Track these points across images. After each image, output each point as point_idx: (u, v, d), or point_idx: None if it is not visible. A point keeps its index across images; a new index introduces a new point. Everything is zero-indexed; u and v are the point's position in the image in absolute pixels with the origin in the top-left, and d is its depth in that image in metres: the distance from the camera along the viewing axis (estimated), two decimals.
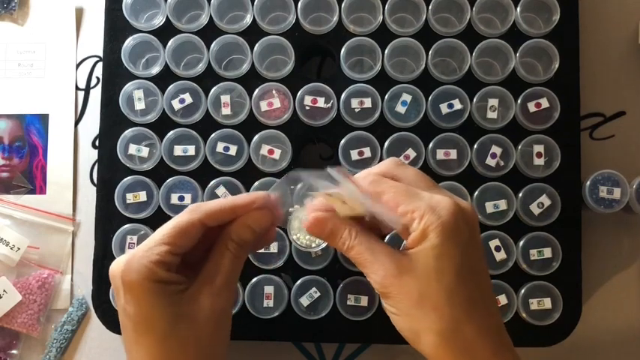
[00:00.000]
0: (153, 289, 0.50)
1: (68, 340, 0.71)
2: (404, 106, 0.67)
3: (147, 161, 0.68)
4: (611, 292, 0.71)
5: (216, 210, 0.53)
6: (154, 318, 0.51)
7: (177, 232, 0.52)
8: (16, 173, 0.73)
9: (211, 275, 0.53)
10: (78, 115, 0.74)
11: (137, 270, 0.50)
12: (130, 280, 0.50)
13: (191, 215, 0.53)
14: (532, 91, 0.67)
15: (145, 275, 0.50)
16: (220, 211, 0.54)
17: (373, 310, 0.66)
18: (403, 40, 0.68)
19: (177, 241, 0.52)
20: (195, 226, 0.52)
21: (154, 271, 0.50)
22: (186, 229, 0.52)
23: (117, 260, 0.52)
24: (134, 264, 0.50)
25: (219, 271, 0.53)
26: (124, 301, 0.51)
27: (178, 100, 0.67)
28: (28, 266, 0.70)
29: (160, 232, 0.52)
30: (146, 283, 0.50)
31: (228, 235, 0.54)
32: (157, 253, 0.51)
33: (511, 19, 0.67)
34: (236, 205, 0.54)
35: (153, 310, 0.51)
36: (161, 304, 0.51)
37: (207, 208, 0.53)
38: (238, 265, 0.55)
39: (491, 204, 0.67)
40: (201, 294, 0.52)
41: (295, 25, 0.68)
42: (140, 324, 0.51)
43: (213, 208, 0.53)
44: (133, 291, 0.51)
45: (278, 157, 0.68)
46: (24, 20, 0.74)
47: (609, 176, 0.66)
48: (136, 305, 0.51)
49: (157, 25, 0.69)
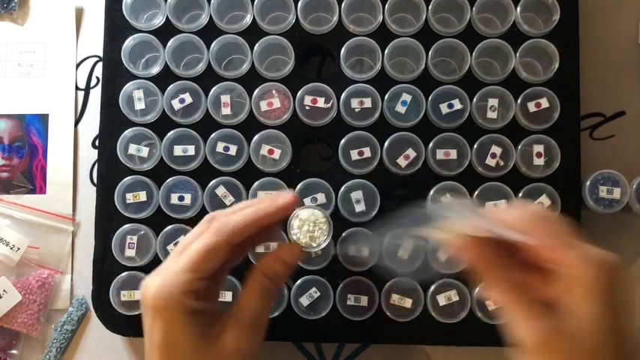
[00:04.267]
0: (181, 320, 0.50)
1: (68, 340, 0.71)
2: (404, 106, 0.67)
3: (147, 161, 0.68)
4: None
5: (241, 227, 0.52)
6: (179, 348, 0.50)
7: (205, 257, 0.51)
8: (16, 173, 0.73)
9: (240, 311, 0.52)
10: (78, 115, 0.74)
11: (167, 299, 0.49)
12: (160, 307, 0.50)
13: (217, 237, 0.51)
14: (532, 91, 0.67)
15: (175, 306, 0.50)
16: (246, 227, 0.52)
17: (373, 310, 0.66)
18: (403, 40, 0.68)
19: (205, 266, 0.51)
20: (222, 249, 0.51)
21: (183, 301, 0.50)
22: (214, 253, 0.51)
23: (148, 283, 0.51)
24: (164, 292, 0.50)
25: (248, 308, 0.52)
26: (151, 326, 0.51)
27: (178, 100, 0.67)
28: (28, 266, 0.70)
29: (188, 256, 0.51)
30: (175, 313, 0.50)
31: (260, 270, 0.53)
32: (185, 282, 0.50)
33: (511, 19, 0.67)
34: (260, 217, 0.53)
35: (178, 340, 0.50)
36: (187, 335, 0.50)
37: (232, 228, 0.52)
38: (269, 301, 0.54)
39: (491, 204, 0.66)
40: (226, 331, 0.51)
41: (295, 25, 0.68)
42: (164, 352, 0.50)
43: (239, 225, 0.52)
44: (162, 319, 0.50)
45: (278, 157, 0.68)
46: (24, 20, 0.74)
47: (609, 176, 0.66)
48: (163, 332, 0.50)
49: (156, 25, 0.69)
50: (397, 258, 0.65)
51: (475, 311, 0.66)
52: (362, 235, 0.66)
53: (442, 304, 0.66)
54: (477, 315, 0.66)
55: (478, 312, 0.66)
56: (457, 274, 0.66)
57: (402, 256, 0.66)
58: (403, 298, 0.66)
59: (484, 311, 0.66)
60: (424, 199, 0.67)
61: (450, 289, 0.66)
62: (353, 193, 0.67)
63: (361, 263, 0.66)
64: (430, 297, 0.66)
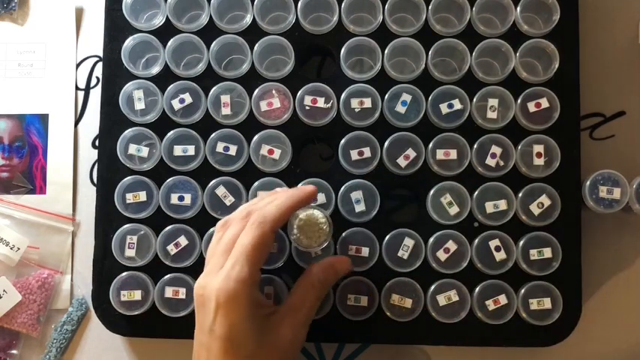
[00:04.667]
0: (248, 311, 0.53)
1: (68, 340, 0.71)
2: (404, 106, 0.67)
3: (147, 161, 0.68)
4: (611, 292, 0.71)
5: (280, 216, 0.57)
6: (244, 338, 0.53)
7: (258, 249, 0.54)
8: (16, 173, 0.73)
9: (295, 309, 0.58)
10: (78, 115, 0.74)
11: (235, 292, 0.52)
12: (229, 300, 0.52)
13: (263, 229, 0.55)
14: (532, 91, 0.67)
15: (243, 298, 0.52)
16: (283, 215, 0.57)
17: (373, 310, 0.66)
18: (403, 40, 0.68)
19: (260, 257, 0.55)
20: (270, 239, 0.56)
21: (250, 292, 0.53)
22: (264, 244, 0.55)
23: (205, 282, 0.54)
24: (231, 286, 0.52)
25: (304, 306, 0.58)
26: (213, 321, 0.53)
27: (178, 100, 0.67)
28: (28, 266, 0.70)
29: (242, 251, 0.54)
30: (243, 306, 0.52)
31: (315, 275, 0.58)
32: (248, 274, 0.53)
33: (511, 19, 0.67)
34: (294, 204, 0.58)
35: (244, 331, 0.53)
36: (251, 326, 0.53)
37: (272, 218, 0.56)
38: (319, 302, 0.60)
39: (491, 204, 0.66)
40: (283, 325, 0.56)
41: (295, 25, 0.68)
42: (229, 344, 0.53)
43: (277, 215, 0.56)
44: (231, 311, 0.52)
45: (278, 157, 0.68)
46: (24, 20, 0.74)
47: (609, 176, 0.66)
48: (228, 326, 0.52)
49: (156, 25, 0.69)
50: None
51: (475, 311, 0.66)
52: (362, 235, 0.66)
53: (442, 304, 0.66)
54: (477, 315, 0.66)
55: (478, 312, 0.66)
56: (457, 274, 0.66)
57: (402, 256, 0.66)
58: (403, 298, 0.66)
59: (484, 311, 0.66)
60: (424, 199, 0.67)
61: (450, 289, 0.66)
62: (353, 193, 0.67)
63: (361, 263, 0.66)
64: (430, 297, 0.66)
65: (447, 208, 0.67)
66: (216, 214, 0.67)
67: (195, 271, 0.67)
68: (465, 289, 0.66)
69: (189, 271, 0.67)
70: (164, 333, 0.68)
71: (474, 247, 0.66)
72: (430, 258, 0.66)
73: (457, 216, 0.67)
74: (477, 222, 0.67)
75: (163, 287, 0.67)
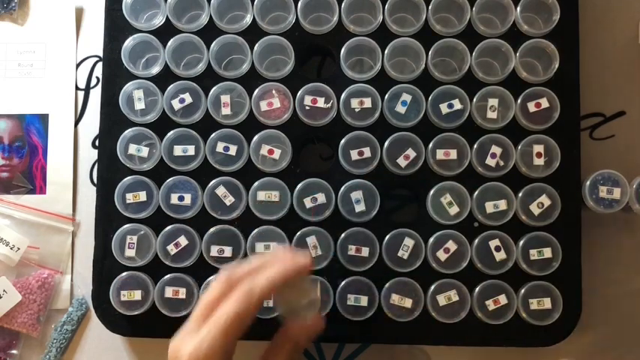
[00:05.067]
0: None
1: (68, 340, 0.71)
2: (404, 106, 0.67)
3: (147, 161, 0.68)
4: (611, 292, 0.71)
5: (269, 290, 0.53)
6: None
7: (239, 323, 0.52)
8: (16, 173, 0.73)
9: None
10: (78, 115, 0.74)
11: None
12: None
13: (248, 302, 0.52)
14: (532, 91, 0.67)
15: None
16: (272, 289, 0.53)
17: (373, 310, 0.66)
18: (403, 40, 0.68)
19: (239, 331, 0.52)
20: (254, 313, 0.52)
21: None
22: (247, 318, 0.52)
23: (178, 346, 0.53)
24: (201, 355, 0.51)
25: None
26: None
27: (178, 100, 0.67)
28: (28, 266, 0.70)
29: (221, 322, 0.51)
30: None
31: (287, 337, 0.57)
32: (220, 346, 0.51)
33: (511, 19, 0.67)
34: (285, 278, 0.54)
35: None
36: None
37: (260, 292, 0.53)
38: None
39: (491, 204, 0.66)
40: None
41: (295, 25, 0.68)
42: None
43: (266, 288, 0.53)
44: None
45: (278, 157, 0.68)
46: (24, 20, 0.75)
47: (609, 176, 0.66)
48: None
49: (156, 25, 0.69)
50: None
51: (475, 311, 0.66)
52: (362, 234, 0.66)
53: (442, 304, 0.66)
54: (477, 315, 0.66)
55: (478, 312, 0.66)
56: (457, 274, 0.66)
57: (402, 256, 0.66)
58: (403, 298, 0.66)
59: (484, 311, 0.66)
60: (424, 199, 0.67)
61: (450, 289, 0.66)
62: (353, 193, 0.67)
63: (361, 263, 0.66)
64: (430, 297, 0.66)
65: (447, 208, 0.67)
66: (216, 214, 0.67)
67: (195, 271, 0.67)
68: (465, 289, 0.66)
69: (189, 271, 0.67)
70: (164, 333, 0.68)
71: (473, 247, 0.66)
72: (430, 258, 0.66)
73: (457, 216, 0.67)
74: (476, 222, 0.67)
75: (163, 287, 0.67)
